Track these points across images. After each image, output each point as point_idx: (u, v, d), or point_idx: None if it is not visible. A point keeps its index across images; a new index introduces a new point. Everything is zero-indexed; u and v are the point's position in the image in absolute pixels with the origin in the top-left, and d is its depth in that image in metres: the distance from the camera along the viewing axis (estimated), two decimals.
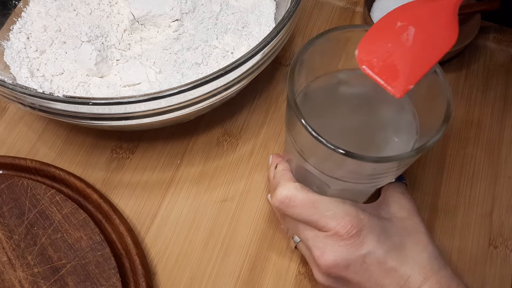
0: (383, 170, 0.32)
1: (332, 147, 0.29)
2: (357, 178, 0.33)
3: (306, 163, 0.34)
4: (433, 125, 0.31)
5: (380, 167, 0.31)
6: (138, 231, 0.41)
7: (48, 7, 0.46)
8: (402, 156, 0.29)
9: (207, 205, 0.43)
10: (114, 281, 0.36)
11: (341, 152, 0.29)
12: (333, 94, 0.36)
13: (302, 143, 0.32)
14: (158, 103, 0.35)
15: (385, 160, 0.29)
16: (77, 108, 0.35)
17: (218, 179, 0.44)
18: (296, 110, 0.30)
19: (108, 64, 0.43)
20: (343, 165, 0.31)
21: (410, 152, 0.30)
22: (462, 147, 0.46)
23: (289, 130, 0.33)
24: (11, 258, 0.37)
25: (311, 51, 0.33)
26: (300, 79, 0.33)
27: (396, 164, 0.31)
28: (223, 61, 0.44)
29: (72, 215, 0.38)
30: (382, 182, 0.35)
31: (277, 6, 0.48)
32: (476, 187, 0.44)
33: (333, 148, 0.29)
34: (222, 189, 0.43)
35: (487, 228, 0.42)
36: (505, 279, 0.40)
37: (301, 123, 0.30)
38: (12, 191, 0.39)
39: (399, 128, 0.35)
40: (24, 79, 0.42)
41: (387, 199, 0.36)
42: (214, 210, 0.42)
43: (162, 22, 0.44)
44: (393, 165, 0.31)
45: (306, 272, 0.40)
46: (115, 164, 0.44)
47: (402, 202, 0.35)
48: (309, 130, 0.29)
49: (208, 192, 0.43)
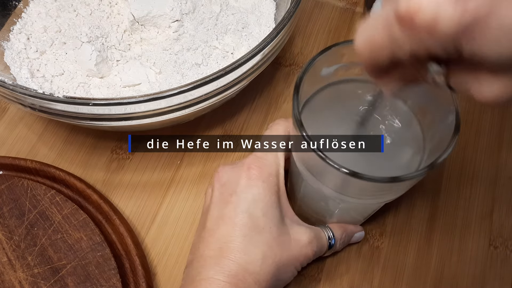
0: (390, 188, 0.31)
1: (347, 171, 0.28)
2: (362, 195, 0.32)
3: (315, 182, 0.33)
4: (442, 137, 0.30)
5: (387, 186, 0.30)
6: (138, 232, 0.41)
7: (48, 7, 0.46)
8: (414, 175, 0.28)
9: None
10: (114, 281, 0.36)
11: (353, 175, 0.27)
12: (335, 107, 0.35)
13: (310, 163, 0.31)
14: (158, 104, 0.35)
15: (398, 180, 0.28)
16: (77, 109, 0.35)
17: None
18: (304, 133, 0.29)
19: (108, 64, 0.43)
20: (349, 184, 0.30)
21: (421, 170, 0.28)
22: (462, 148, 0.46)
23: (293, 145, 0.33)
24: (11, 259, 0.37)
25: (313, 68, 0.32)
26: (302, 95, 0.33)
27: (409, 184, 0.30)
28: (223, 62, 0.44)
29: (72, 215, 0.38)
30: (390, 198, 0.34)
31: (277, 6, 0.48)
32: (476, 187, 0.44)
33: (347, 172, 0.28)
34: None
35: (487, 229, 0.42)
36: (505, 279, 0.40)
37: (308, 146, 0.29)
38: (12, 192, 0.39)
39: (404, 141, 0.34)
40: (24, 80, 0.42)
41: None
42: None
43: (162, 22, 0.44)
44: (405, 184, 0.30)
45: (307, 273, 0.40)
46: (115, 165, 0.44)
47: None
48: (319, 154, 0.28)
49: None
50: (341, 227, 0.38)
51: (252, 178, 0.33)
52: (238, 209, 0.32)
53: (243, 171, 0.33)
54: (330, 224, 0.38)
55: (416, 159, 0.33)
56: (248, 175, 0.33)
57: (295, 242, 0.33)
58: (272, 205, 0.33)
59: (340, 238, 0.37)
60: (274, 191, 0.33)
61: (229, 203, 0.33)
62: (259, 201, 0.32)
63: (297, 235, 0.34)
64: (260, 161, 0.34)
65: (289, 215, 0.35)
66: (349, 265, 0.40)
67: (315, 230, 0.36)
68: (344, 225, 0.38)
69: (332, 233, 0.37)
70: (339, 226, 0.38)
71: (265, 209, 0.32)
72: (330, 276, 0.40)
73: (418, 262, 0.40)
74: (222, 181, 0.34)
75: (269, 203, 0.33)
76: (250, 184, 0.33)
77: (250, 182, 0.33)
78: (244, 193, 0.32)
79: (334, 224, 0.38)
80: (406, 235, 0.42)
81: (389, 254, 0.41)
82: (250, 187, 0.33)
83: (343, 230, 0.38)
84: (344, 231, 0.38)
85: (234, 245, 0.31)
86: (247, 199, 0.32)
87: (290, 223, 0.34)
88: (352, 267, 0.40)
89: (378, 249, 0.41)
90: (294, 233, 0.34)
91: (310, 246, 0.34)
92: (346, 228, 0.38)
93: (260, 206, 0.32)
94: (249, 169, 0.33)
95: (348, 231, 0.38)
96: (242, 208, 0.32)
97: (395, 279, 0.40)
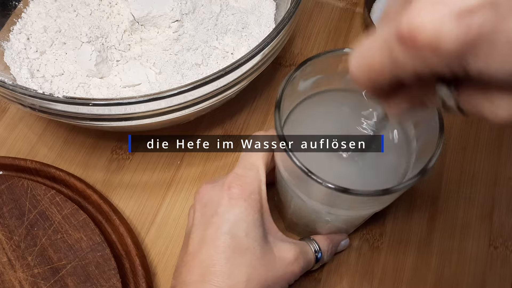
0: (381, 199, 0.30)
1: (333, 186, 0.27)
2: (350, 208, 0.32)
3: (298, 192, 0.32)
4: (428, 140, 0.30)
5: (377, 198, 0.29)
6: (138, 232, 0.41)
7: (48, 7, 0.46)
8: (405, 185, 0.27)
9: None
10: (114, 281, 0.36)
11: (338, 189, 0.27)
12: (318, 118, 0.35)
13: (296, 179, 0.31)
14: (158, 104, 0.35)
15: (389, 192, 0.27)
16: (77, 109, 0.35)
17: None
18: (287, 147, 0.29)
19: (108, 65, 0.43)
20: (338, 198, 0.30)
21: (413, 179, 0.28)
22: (462, 148, 0.46)
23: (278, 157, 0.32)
24: (11, 259, 0.37)
25: (293, 82, 0.32)
26: (284, 109, 0.32)
27: (397, 194, 0.29)
28: (223, 62, 0.44)
29: (72, 216, 0.38)
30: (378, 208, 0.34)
31: (277, 6, 0.48)
32: (476, 187, 0.44)
33: (335, 188, 0.27)
34: None
35: (487, 229, 0.42)
36: (505, 280, 0.40)
37: (292, 162, 0.28)
38: (12, 192, 0.39)
39: (389, 149, 0.33)
40: (24, 80, 0.42)
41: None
42: None
43: (162, 23, 0.44)
44: (397, 194, 0.29)
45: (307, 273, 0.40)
46: (115, 165, 0.44)
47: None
48: (303, 169, 0.28)
49: None
50: (327, 238, 0.37)
51: (234, 198, 0.32)
52: (220, 231, 0.31)
53: (224, 190, 0.32)
54: (315, 236, 0.37)
55: (403, 166, 0.32)
56: (229, 195, 0.32)
57: (280, 260, 0.32)
58: (255, 224, 0.32)
59: (327, 250, 0.36)
60: (256, 210, 0.32)
61: (211, 225, 0.31)
62: (242, 221, 0.31)
63: (282, 253, 0.33)
64: (241, 179, 0.32)
65: (273, 232, 0.34)
66: (349, 265, 0.40)
67: (300, 245, 0.35)
68: (330, 236, 0.37)
69: (318, 246, 0.36)
70: (324, 238, 0.37)
71: (247, 229, 0.31)
72: (330, 276, 0.40)
73: (418, 262, 0.40)
74: (203, 202, 0.33)
75: (252, 223, 0.32)
76: (231, 204, 0.32)
77: (231, 202, 0.32)
78: (226, 214, 0.31)
79: (319, 235, 0.37)
80: (406, 235, 0.42)
81: (389, 254, 0.41)
82: (231, 207, 0.31)
83: (329, 242, 0.37)
84: (330, 242, 0.37)
85: (217, 269, 0.30)
86: (229, 220, 0.31)
87: (274, 241, 0.33)
88: (352, 267, 0.40)
89: (378, 249, 0.41)
90: (279, 251, 0.33)
91: (297, 263, 0.33)
92: (332, 239, 0.37)
93: (243, 227, 0.31)
94: (230, 188, 0.32)
95: (334, 242, 0.38)
96: (224, 229, 0.31)
97: (395, 279, 0.40)
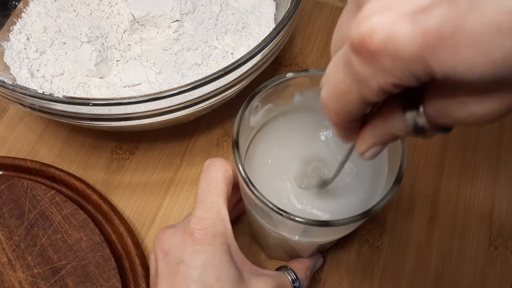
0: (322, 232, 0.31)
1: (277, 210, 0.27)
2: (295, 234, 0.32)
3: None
4: (384, 180, 0.30)
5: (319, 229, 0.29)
6: (138, 232, 0.41)
7: (48, 7, 0.46)
8: (345, 221, 0.27)
9: None
10: (114, 281, 0.36)
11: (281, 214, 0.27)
12: (276, 144, 0.35)
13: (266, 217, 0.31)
14: (158, 104, 0.35)
15: (328, 224, 0.27)
16: (77, 109, 0.35)
17: None
18: (254, 189, 0.29)
19: (108, 64, 0.43)
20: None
21: (354, 217, 0.27)
22: (462, 148, 0.46)
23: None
24: (11, 259, 0.37)
25: (245, 119, 0.31)
26: (241, 146, 0.31)
27: (343, 229, 0.29)
28: (223, 62, 0.44)
29: (72, 216, 0.38)
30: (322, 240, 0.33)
31: (277, 6, 0.48)
32: (476, 187, 0.44)
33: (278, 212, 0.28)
34: None
35: (487, 229, 0.42)
36: (505, 279, 0.40)
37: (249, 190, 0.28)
38: (12, 192, 0.39)
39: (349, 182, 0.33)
40: (24, 80, 0.42)
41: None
42: None
43: (162, 22, 0.44)
44: (345, 227, 0.29)
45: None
46: (115, 165, 0.44)
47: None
48: (276, 210, 0.28)
49: None
50: (303, 265, 0.36)
51: (198, 243, 0.30)
52: (189, 279, 0.29)
53: (186, 237, 0.31)
54: (291, 263, 0.37)
55: (372, 182, 0.32)
56: (193, 241, 0.30)
57: None
58: (225, 266, 0.30)
59: (305, 278, 0.36)
60: (223, 251, 0.31)
61: (178, 274, 0.30)
62: (210, 266, 0.30)
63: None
64: (202, 222, 0.31)
65: (246, 267, 0.32)
66: (349, 265, 0.40)
67: (277, 277, 0.33)
68: (304, 261, 0.37)
69: (295, 275, 0.35)
70: (301, 265, 0.36)
71: (217, 273, 0.30)
72: (330, 276, 0.40)
73: (418, 262, 0.40)
74: (164, 249, 0.32)
75: (221, 265, 0.30)
76: (196, 251, 0.30)
77: (195, 248, 0.30)
78: (193, 261, 0.30)
79: (294, 262, 0.37)
80: (406, 235, 0.42)
81: (389, 254, 0.41)
82: (196, 253, 0.30)
83: (306, 269, 0.36)
84: (307, 268, 0.36)
85: None
86: (196, 267, 0.30)
87: (249, 277, 0.32)
88: (352, 267, 0.40)
89: (378, 249, 0.41)
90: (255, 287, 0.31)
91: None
92: (308, 265, 0.37)
93: (212, 271, 0.30)
94: (193, 234, 0.31)
95: (311, 267, 0.37)
96: (193, 277, 0.29)
97: (395, 279, 0.40)
